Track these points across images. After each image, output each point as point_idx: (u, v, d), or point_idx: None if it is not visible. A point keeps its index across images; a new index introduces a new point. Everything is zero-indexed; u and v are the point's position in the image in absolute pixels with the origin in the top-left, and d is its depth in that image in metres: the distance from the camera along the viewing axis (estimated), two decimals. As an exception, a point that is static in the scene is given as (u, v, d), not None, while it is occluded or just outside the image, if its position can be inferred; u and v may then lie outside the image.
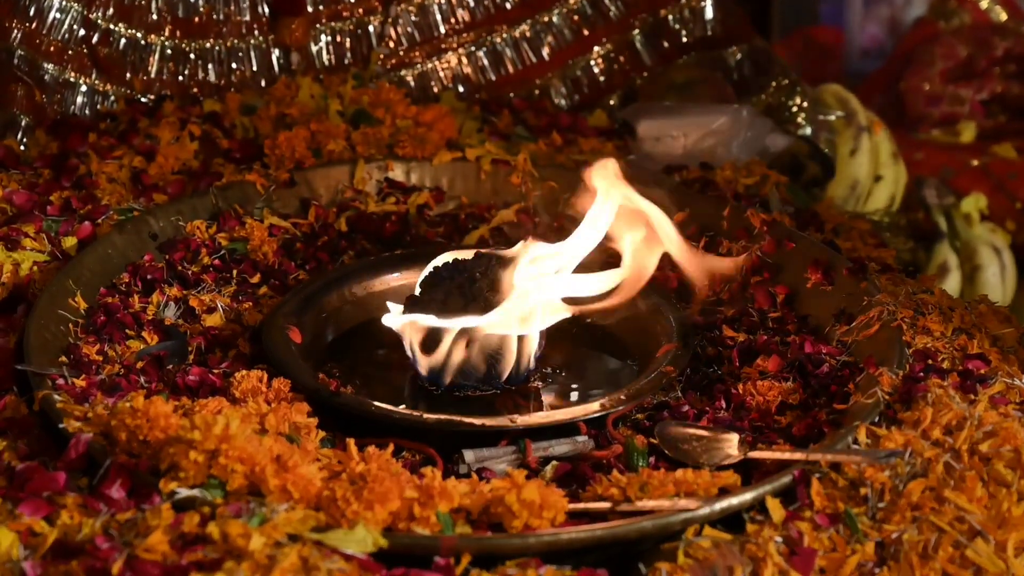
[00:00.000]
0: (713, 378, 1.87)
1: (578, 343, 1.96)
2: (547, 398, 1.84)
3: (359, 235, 2.17)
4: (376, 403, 1.74)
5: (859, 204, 2.93)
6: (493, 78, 2.71)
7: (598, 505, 1.53)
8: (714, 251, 2.10)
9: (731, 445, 1.64)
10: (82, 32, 2.51)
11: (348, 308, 1.98)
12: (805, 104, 2.77)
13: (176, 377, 1.74)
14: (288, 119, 2.39)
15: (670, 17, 2.78)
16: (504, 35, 2.70)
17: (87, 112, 2.52)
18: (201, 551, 1.34)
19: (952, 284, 2.90)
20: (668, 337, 1.87)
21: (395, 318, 1.82)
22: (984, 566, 1.42)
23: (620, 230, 1.83)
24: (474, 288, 1.78)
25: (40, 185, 2.18)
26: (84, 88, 2.52)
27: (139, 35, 2.54)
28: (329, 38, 2.64)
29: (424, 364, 1.80)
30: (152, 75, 2.56)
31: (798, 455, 1.57)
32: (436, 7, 2.69)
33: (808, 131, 2.74)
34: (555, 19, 2.72)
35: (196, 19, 2.58)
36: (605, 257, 1.87)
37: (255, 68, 2.61)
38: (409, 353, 1.81)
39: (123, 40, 2.53)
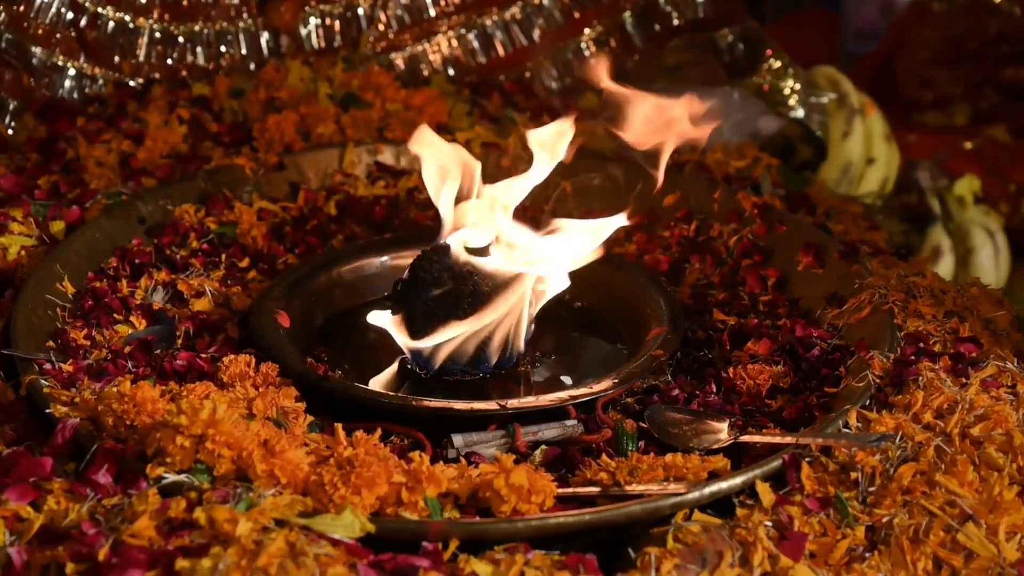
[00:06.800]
0: (703, 362, 1.86)
1: (568, 327, 1.96)
2: (536, 382, 1.83)
3: (348, 219, 2.16)
4: (364, 387, 1.74)
5: (851, 187, 2.93)
6: (483, 61, 2.70)
7: (587, 490, 1.52)
8: (706, 235, 2.09)
9: (721, 429, 1.64)
10: (70, 15, 2.50)
11: (337, 292, 1.98)
12: (797, 86, 2.77)
13: (164, 362, 1.73)
14: (277, 102, 2.38)
15: (661, -1, 2.77)
16: (494, 18, 2.69)
17: (75, 96, 2.51)
18: (188, 536, 1.33)
19: (945, 267, 2.89)
20: (658, 320, 1.87)
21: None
22: (975, 550, 1.42)
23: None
24: (466, 275, 1.78)
25: (28, 169, 2.18)
26: (72, 72, 2.51)
27: (127, 18, 2.53)
28: (318, 21, 2.63)
29: (412, 347, 1.80)
30: (140, 59, 2.55)
31: (788, 439, 1.57)
32: (426, -10, 2.68)
33: (800, 113, 2.74)
34: (546, 2, 2.71)
35: (185, 2, 2.56)
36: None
37: (244, 51, 2.59)
38: (396, 338, 1.81)
39: (111, 23, 2.52)
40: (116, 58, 2.53)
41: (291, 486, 1.42)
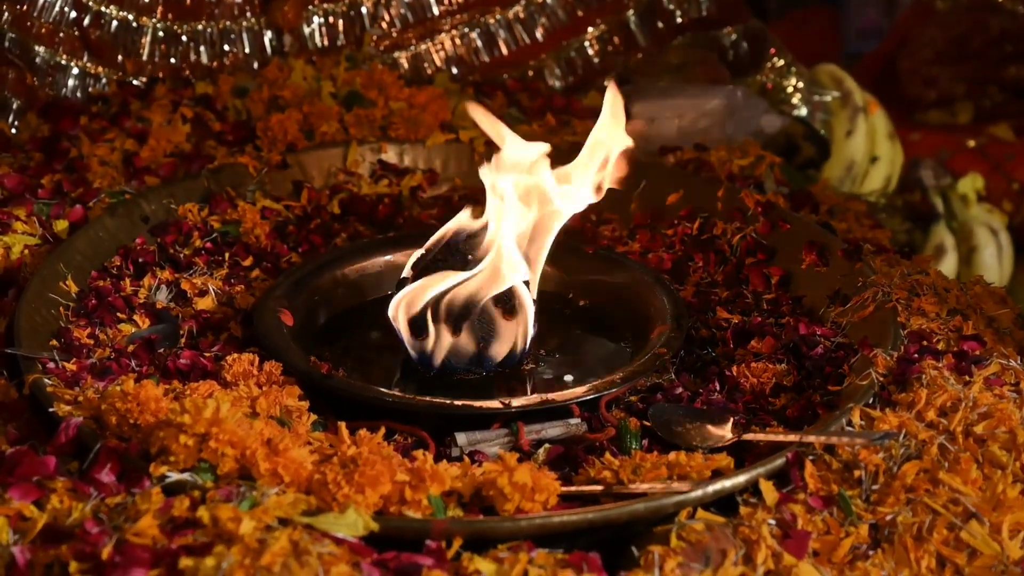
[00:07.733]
0: (707, 360, 1.86)
1: (571, 325, 1.95)
2: (540, 381, 1.83)
3: (352, 217, 2.16)
4: (368, 386, 1.74)
5: (855, 185, 2.92)
6: (487, 59, 2.70)
7: (590, 488, 1.52)
8: (709, 233, 2.09)
9: (724, 428, 1.64)
10: (73, 14, 2.50)
11: (340, 291, 1.98)
12: (800, 84, 2.76)
13: (167, 361, 1.73)
14: (281, 101, 2.38)
15: (664, -2, 2.78)
16: (498, 16, 2.69)
17: (78, 95, 2.51)
18: (191, 535, 1.33)
19: (948, 265, 2.89)
20: (662, 319, 1.86)
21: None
22: (979, 548, 1.41)
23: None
24: (467, 265, 1.78)
25: (31, 168, 2.18)
26: (75, 71, 2.51)
27: (130, 17, 2.53)
28: (322, 19, 2.63)
29: (415, 345, 1.80)
30: (144, 57, 2.55)
31: (792, 437, 1.57)
32: (429, -12, 2.68)
33: (803, 112, 2.73)
34: (549, 0, 2.71)
35: (188, 1, 2.56)
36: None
37: (247, 50, 2.60)
38: (400, 335, 1.80)
39: (114, 22, 2.52)
40: (119, 57, 2.53)
41: (294, 485, 1.42)
